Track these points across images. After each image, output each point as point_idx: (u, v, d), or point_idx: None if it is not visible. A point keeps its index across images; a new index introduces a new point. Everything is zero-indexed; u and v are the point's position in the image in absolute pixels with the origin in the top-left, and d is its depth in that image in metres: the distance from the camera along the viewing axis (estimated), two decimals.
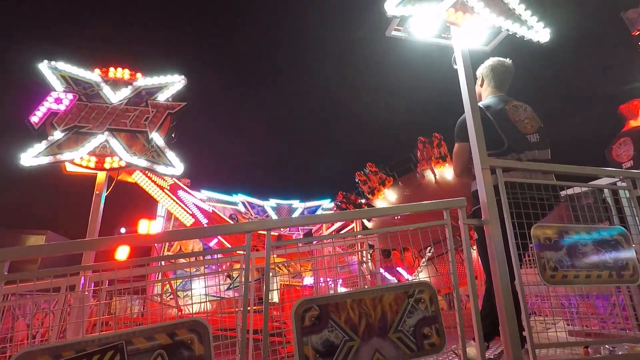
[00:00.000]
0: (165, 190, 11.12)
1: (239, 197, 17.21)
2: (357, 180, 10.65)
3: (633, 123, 4.08)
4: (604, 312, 2.75)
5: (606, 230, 2.22)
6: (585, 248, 2.12)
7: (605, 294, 2.85)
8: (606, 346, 2.30)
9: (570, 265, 2.07)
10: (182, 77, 5.26)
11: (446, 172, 10.00)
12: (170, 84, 5.21)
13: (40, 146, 4.38)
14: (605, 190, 2.68)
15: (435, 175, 10.00)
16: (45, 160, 4.34)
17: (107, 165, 4.41)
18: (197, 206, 11.44)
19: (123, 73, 5.14)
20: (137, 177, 9.96)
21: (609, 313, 2.73)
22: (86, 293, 2.94)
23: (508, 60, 2.73)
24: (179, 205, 11.07)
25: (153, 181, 10.89)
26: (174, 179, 11.04)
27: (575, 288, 2.29)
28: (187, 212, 11.03)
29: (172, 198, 11.08)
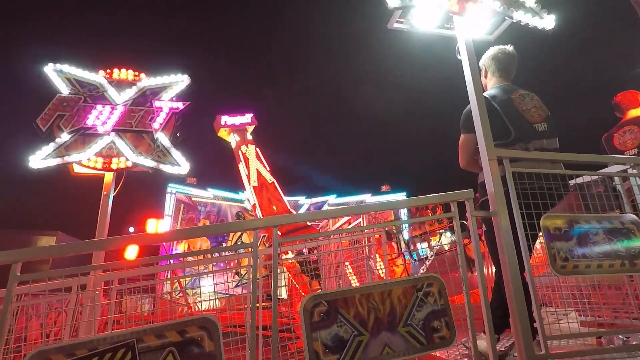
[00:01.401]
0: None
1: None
2: None
3: (633, 112, 4.03)
4: (616, 302, 2.72)
5: (617, 218, 2.19)
6: (596, 237, 2.09)
7: (618, 283, 2.82)
8: (619, 336, 2.27)
9: (581, 255, 2.04)
10: (186, 76, 5.27)
11: None
12: (174, 84, 5.22)
13: (48, 148, 4.42)
14: (616, 178, 2.64)
15: None
16: (53, 162, 4.39)
17: (113, 166, 4.45)
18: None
19: (127, 74, 5.16)
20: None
21: (621, 303, 2.70)
22: (97, 292, 2.97)
23: (510, 47, 2.67)
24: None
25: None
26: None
27: (586, 278, 2.26)
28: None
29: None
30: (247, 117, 11.06)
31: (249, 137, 11.02)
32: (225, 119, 10.96)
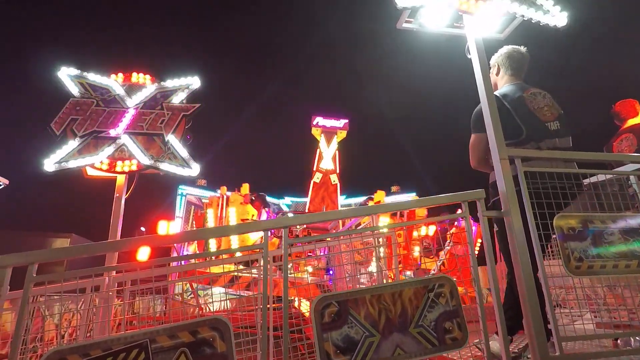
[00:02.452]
0: None
1: None
2: None
3: (632, 121, 4.02)
4: (633, 303, 2.66)
5: (633, 217, 2.14)
6: (612, 237, 2.05)
7: (635, 283, 2.76)
8: (637, 338, 2.23)
9: (596, 255, 2.00)
10: (196, 78, 5.33)
11: None
12: (185, 86, 5.27)
13: (62, 152, 4.51)
14: (632, 177, 2.58)
15: None
16: (67, 165, 4.47)
17: (125, 168, 4.51)
18: None
19: (138, 77, 5.24)
20: None
21: (638, 303, 2.64)
22: (110, 293, 3.01)
23: (523, 48, 2.66)
24: None
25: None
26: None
27: (602, 279, 2.21)
28: None
29: None
30: (341, 122, 11.71)
31: (336, 141, 11.54)
32: (318, 119, 11.60)
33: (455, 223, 9.39)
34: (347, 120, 11.98)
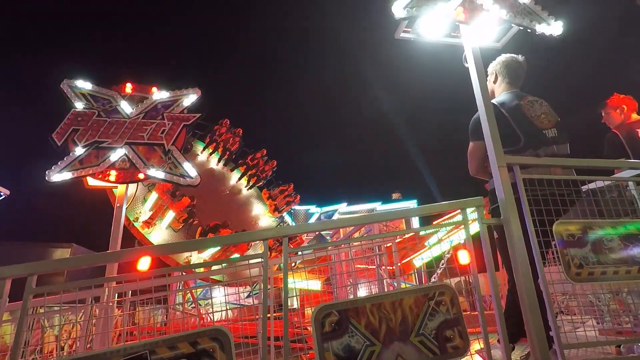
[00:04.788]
0: None
1: None
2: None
3: (635, 116, 3.93)
4: (635, 309, 2.64)
5: (633, 224, 2.15)
6: (612, 243, 2.05)
7: (637, 290, 2.75)
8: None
9: (597, 262, 2.00)
10: (197, 89, 5.38)
11: None
12: (185, 97, 5.32)
13: (64, 162, 4.53)
14: (630, 183, 2.59)
15: None
16: (68, 175, 4.49)
17: (126, 179, 4.53)
18: None
19: (139, 88, 5.28)
20: None
21: None
22: (110, 304, 3.01)
23: (521, 57, 2.69)
24: None
25: None
26: None
27: (603, 285, 2.21)
28: None
29: None
30: None
31: None
32: None
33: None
34: None
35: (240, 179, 8.72)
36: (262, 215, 9.68)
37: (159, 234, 7.76)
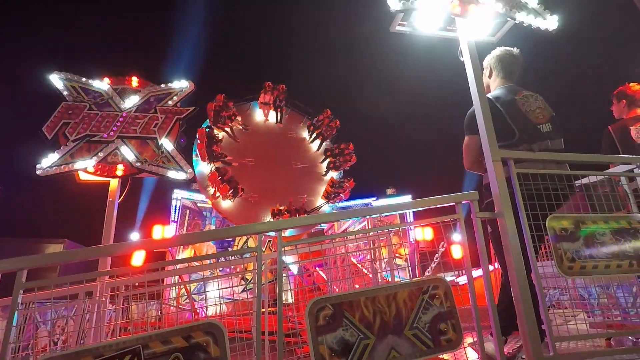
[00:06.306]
0: None
1: None
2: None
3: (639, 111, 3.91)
4: (625, 303, 2.68)
5: (624, 218, 2.17)
6: (603, 237, 2.07)
7: (627, 284, 2.78)
8: (629, 337, 2.24)
9: (589, 256, 2.02)
10: (190, 82, 5.32)
11: None
12: (179, 90, 5.26)
13: (54, 156, 4.47)
14: (622, 178, 2.61)
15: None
16: (59, 169, 4.43)
17: (119, 172, 4.48)
18: None
19: (131, 81, 5.21)
20: None
21: (630, 304, 2.67)
22: (103, 299, 2.98)
23: (516, 50, 2.68)
24: None
25: None
26: None
27: (594, 279, 2.23)
28: None
29: None
30: None
31: None
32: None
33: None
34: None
35: (311, 140, 8.66)
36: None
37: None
